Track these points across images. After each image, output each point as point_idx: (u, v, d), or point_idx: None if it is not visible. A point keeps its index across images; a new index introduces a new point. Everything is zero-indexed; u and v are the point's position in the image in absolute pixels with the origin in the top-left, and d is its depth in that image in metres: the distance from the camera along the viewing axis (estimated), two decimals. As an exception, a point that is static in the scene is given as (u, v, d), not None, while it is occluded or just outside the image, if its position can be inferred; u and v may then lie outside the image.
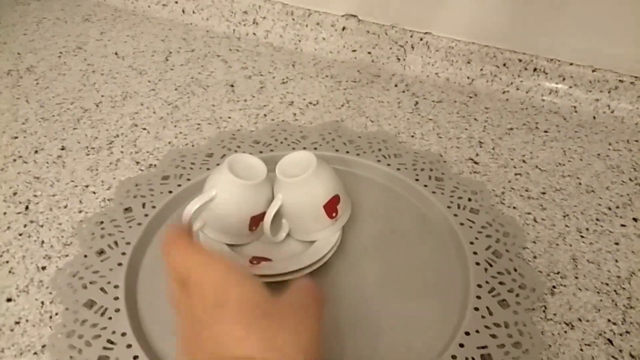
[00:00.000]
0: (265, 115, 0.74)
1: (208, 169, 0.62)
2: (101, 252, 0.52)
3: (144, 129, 0.71)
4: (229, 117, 0.73)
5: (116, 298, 0.48)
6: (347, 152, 0.65)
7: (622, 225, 0.57)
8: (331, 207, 0.50)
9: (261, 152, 0.65)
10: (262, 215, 0.51)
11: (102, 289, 0.49)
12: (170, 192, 0.59)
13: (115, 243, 0.53)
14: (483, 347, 0.44)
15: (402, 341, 0.46)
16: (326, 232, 0.51)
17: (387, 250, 0.54)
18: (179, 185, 0.59)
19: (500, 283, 0.49)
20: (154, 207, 0.57)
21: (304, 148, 0.66)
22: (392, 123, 0.72)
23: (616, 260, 0.53)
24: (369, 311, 0.48)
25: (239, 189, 0.49)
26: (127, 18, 0.99)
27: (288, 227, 0.52)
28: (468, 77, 0.79)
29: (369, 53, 0.85)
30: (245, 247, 0.53)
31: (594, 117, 0.72)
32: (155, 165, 0.64)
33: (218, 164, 0.63)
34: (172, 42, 0.92)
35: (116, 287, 0.49)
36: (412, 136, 0.69)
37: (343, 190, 0.53)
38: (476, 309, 0.47)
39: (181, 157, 0.64)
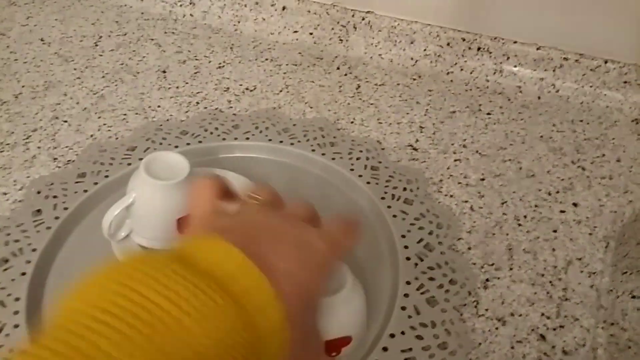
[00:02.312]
0: (197, 103, 0.69)
1: (129, 164, 0.58)
2: (5, 260, 0.48)
3: (65, 121, 0.67)
4: (159, 106, 0.69)
5: (16, 312, 0.44)
6: (281, 141, 0.62)
7: (562, 211, 0.55)
8: (334, 347, 0.39)
9: (188, 144, 0.61)
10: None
11: (0, 302, 0.45)
12: (86, 191, 0.54)
13: (20, 250, 0.49)
14: (408, 350, 0.41)
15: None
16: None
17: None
18: (95, 184, 0.55)
19: (430, 279, 0.47)
20: (66, 208, 0.53)
21: (236, 138, 0.62)
22: (332, 109, 0.68)
23: (553, 249, 0.51)
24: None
25: (157, 190, 0.46)
26: (56, 1, 0.93)
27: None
28: (412, 58, 0.75)
29: (311, 34, 0.80)
30: None
31: (539, 97, 0.70)
32: (73, 161, 0.60)
33: (141, 159, 0.58)
34: (104, 25, 0.86)
35: (17, 299, 0.45)
36: (352, 122, 0.66)
37: (361, 327, 0.42)
38: (403, 308, 0.44)
39: (101, 152, 0.60)
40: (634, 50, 0.66)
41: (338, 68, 0.76)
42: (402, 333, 0.42)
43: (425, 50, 0.74)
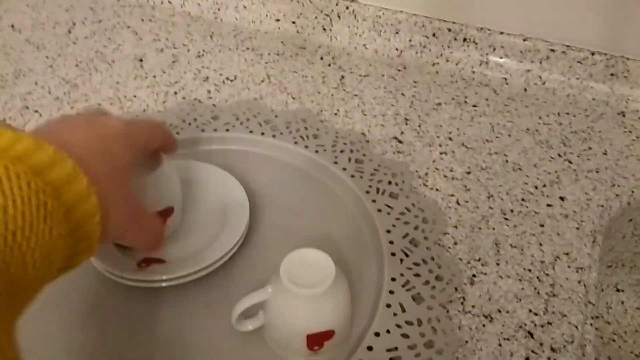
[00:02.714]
0: (175, 93, 0.67)
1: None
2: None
3: (36, 111, 0.64)
4: (135, 96, 0.66)
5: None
6: (263, 133, 0.59)
7: (549, 205, 0.54)
8: (317, 340, 0.39)
9: (165, 135, 0.58)
10: (169, 210, 0.45)
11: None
12: (56, 184, 0.52)
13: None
14: (393, 349, 0.40)
15: (308, 345, 0.41)
16: (296, 357, 0.41)
17: (299, 243, 0.49)
18: (67, 176, 0.53)
19: (416, 275, 0.45)
20: (35, 202, 0.50)
21: (215, 130, 0.60)
22: (315, 100, 0.67)
23: (540, 244, 0.50)
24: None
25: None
26: (28, -15, 0.89)
27: (261, 322, 0.41)
28: (397, 49, 0.74)
29: (294, 23, 0.78)
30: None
31: (525, 89, 0.69)
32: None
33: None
34: (78, 12, 0.83)
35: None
36: (336, 114, 0.64)
37: (345, 323, 0.41)
38: (388, 305, 0.43)
39: (73, 144, 0.57)
40: (621, 42, 0.65)
41: (321, 58, 0.74)
42: (387, 331, 0.41)
43: (410, 40, 0.73)
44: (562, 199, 0.55)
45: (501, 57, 0.70)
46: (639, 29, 0.63)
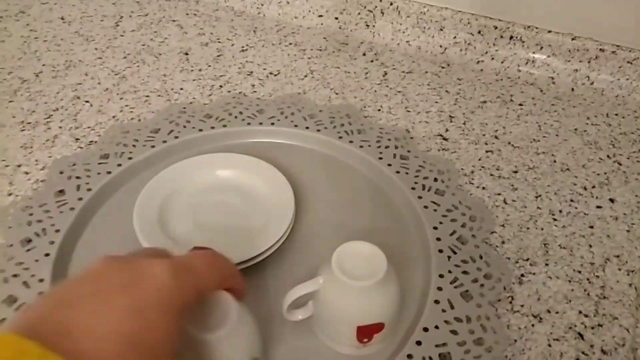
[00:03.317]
0: (221, 86, 0.68)
1: (153, 147, 0.56)
2: (28, 241, 0.47)
3: (87, 101, 0.65)
4: (181, 89, 0.67)
5: (40, 293, 0.43)
6: (307, 127, 0.60)
7: (598, 207, 0.53)
8: (366, 332, 0.39)
9: (213, 127, 0.59)
10: None
11: (24, 283, 0.44)
12: (109, 172, 0.53)
13: (44, 231, 0.48)
14: (442, 345, 0.40)
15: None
16: (344, 348, 0.41)
17: (345, 237, 0.49)
18: (119, 165, 0.54)
19: (464, 272, 0.45)
20: (89, 189, 0.51)
21: (260, 123, 0.60)
22: (358, 95, 0.67)
23: (590, 246, 0.49)
24: (321, 304, 0.44)
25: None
26: (76, -21, 0.91)
27: (311, 312, 0.41)
28: (440, 46, 0.73)
29: (336, 19, 0.79)
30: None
31: (573, 89, 0.68)
32: (95, 142, 0.59)
33: (164, 141, 0.57)
34: (124, 5, 0.85)
35: (41, 280, 0.44)
36: (379, 110, 0.64)
37: (394, 316, 0.40)
38: (436, 301, 0.43)
39: (124, 133, 0.59)
40: (675, 42, 0.63)
41: (364, 54, 0.74)
42: (436, 327, 0.41)
43: (455, 37, 0.72)
44: (611, 200, 0.54)
45: (548, 56, 0.69)
46: (695, 29, 0.62)
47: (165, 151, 0.57)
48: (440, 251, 0.46)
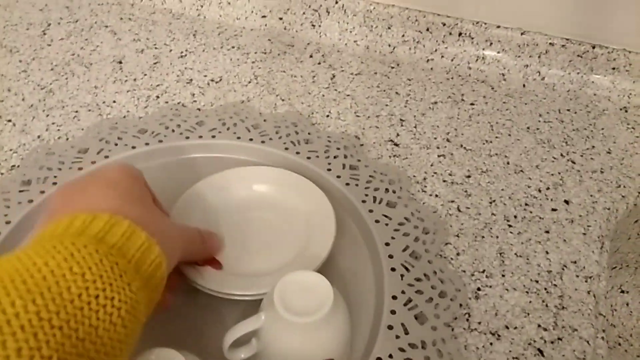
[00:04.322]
0: (158, 97, 0.63)
1: (80, 169, 0.52)
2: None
3: (9, 120, 0.60)
4: (114, 102, 0.62)
5: None
6: (251, 139, 0.56)
7: (553, 210, 0.51)
8: None
9: (147, 144, 0.55)
10: None
11: None
12: (31, 201, 0.48)
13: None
14: (396, 376, 0.37)
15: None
16: None
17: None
18: (42, 192, 0.49)
19: (418, 292, 0.42)
20: (8, 222, 0.46)
21: (200, 137, 0.56)
22: (306, 101, 0.63)
23: (547, 252, 0.48)
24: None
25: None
26: (-1, -17, 0.84)
27: (254, 351, 0.38)
28: (389, 45, 0.70)
29: (280, 19, 0.75)
30: None
31: (524, 85, 0.66)
32: (17, 166, 0.54)
33: (93, 162, 0.53)
34: (53, 12, 0.79)
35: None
36: (327, 116, 0.61)
37: (345, 350, 0.37)
38: (390, 327, 0.40)
39: (48, 155, 0.54)
40: (623, 34, 0.62)
41: (311, 56, 0.71)
42: (390, 356, 0.38)
43: (403, 36, 0.70)
44: (566, 202, 0.52)
45: (498, 52, 0.67)
46: (642, 20, 0.61)
47: (94, 173, 0.52)
48: (393, 270, 0.44)
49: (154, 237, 0.33)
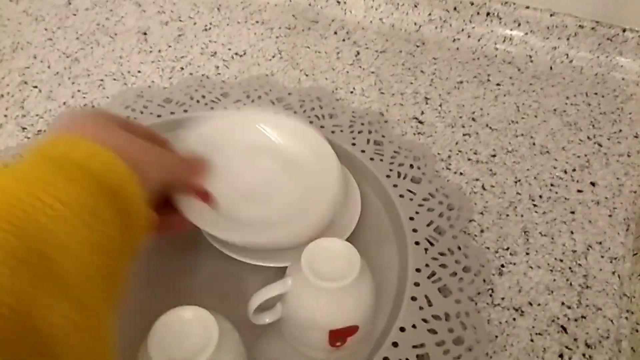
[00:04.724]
0: (182, 68, 0.63)
1: (107, 136, 0.52)
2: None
3: (35, 86, 0.60)
4: (139, 71, 0.63)
5: None
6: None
7: (579, 191, 0.51)
8: (339, 336, 0.36)
9: (173, 113, 0.55)
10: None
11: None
12: (58, 165, 0.49)
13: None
14: (420, 346, 0.37)
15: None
16: (316, 352, 0.38)
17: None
18: (69, 157, 0.49)
19: (442, 266, 0.42)
20: (35, 184, 0.47)
21: (225, 108, 0.56)
22: (330, 77, 0.63)
23: (572, 232, 0.47)
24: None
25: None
26: (24, -47, 0.84)
27: (279, 315, 0.38)
28: (415, 23, 0.70)
29: (305, -5, 0.74)
30: None
31: (551, 68, 0.65)
32: (44, 131, 0.54)
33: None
34: (77, -18, 0.79)
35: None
36: (352, 92, 0.61)
37: (369, 317, 0.38)
38: (413, 298, 0.40)
39: (75, 122, 0.54)
40: (655, 17, 0.61)
41: (335, 33, 0.70)
42: (414, 326, 0.38)
43: (429, 14, 0.69)
44: (592, 184, 0.52)
45: (526, 33, 0.66)
46: (676, 3, 0.60)
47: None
48: (417, 243, 0.44)
49: (116, 152, 0.32)
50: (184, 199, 0.40)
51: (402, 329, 0.38)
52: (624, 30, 0.62)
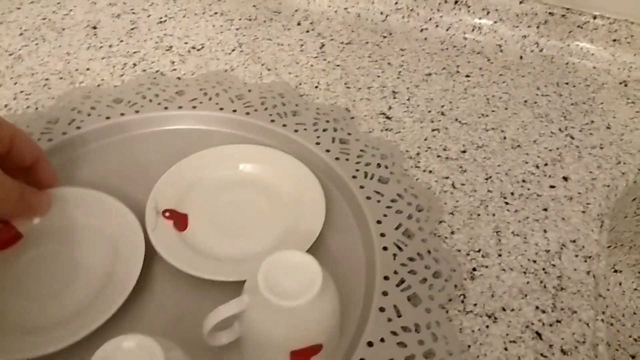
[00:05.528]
0: (134, 64, 0.59)
1: (50, 140, 0.48)
2: None
3: (-27, 88, 0.56)
4: (88, 69, 0.58)
5: None
6: (234, 110, 0.53)
7: (551, 187, 0.49)
8: (301, 357, 0.34)
9: (123, 114, 0.51)
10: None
11: None
12: (-4, 174, 0.45)
13: None
14: (389, 361, 0.35)
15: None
16: None
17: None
18: (8, 165, 0.45)
19: (411, 272, 0.40)
20: (-31, 197, 0.43)
21: (180, 107, 0.53)
22: (293, 71, 0.60)
23: (545, 231, 0.46)
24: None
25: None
26: (-37, -58, 0.78)
27: (237, 335, 0.35)
28: (381, 13, 0.67)
29: (267, -16, 0.71)
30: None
31: (521, 57, 0.63)
32: (-19, 137, 0.50)
33: (64, 133, 0.49)
34: (22, -28, 0.73)
35: None
36: (316, 87, 0.58)
37: (334, 334, 0.36)
38: (382, 309, 0.38)
39: (15, 126, 0.50)
40: (625, 4, 0.59)
41: (299, 24, 0.67)
42: (382, 340, 0.36)
43: (396, 3, 0.66)
44: (565, 179, 0.50)
45: (495, 22, 0.64)
46: (646, -11, 0.58)
47: (64, 144, 0.48)
48: (385, 249, 0.41)
49: None
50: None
51: (369, 344, 0.36)
52: (595, 17, 0.61)
